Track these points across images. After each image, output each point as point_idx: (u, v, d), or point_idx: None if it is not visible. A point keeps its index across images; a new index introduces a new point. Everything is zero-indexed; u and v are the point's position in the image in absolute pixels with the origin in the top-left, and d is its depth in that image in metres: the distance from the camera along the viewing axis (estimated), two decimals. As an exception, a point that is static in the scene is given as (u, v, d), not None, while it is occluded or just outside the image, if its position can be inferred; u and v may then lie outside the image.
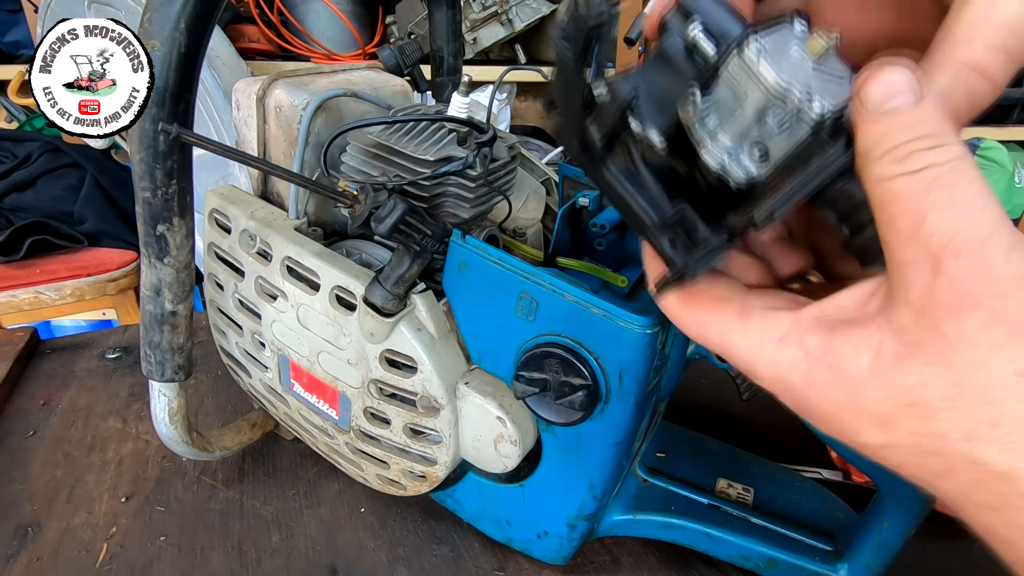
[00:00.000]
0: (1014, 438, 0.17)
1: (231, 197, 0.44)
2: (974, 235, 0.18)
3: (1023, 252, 0.18)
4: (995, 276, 0.18)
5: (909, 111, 0.20)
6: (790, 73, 0.24)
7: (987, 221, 0.18)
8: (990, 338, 0.18)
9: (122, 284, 1.27)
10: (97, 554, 0.44)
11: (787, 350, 0.22)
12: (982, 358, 0.18)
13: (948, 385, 0.18)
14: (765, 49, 0.24)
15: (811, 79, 0.24)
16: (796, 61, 0.24)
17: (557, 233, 0.43)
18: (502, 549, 0.46)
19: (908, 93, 0.20)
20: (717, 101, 0.24)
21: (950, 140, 0.19)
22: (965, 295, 0.18)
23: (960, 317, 0.18)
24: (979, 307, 0.18)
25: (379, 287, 0.36)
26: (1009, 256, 0.18)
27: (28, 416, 0.59)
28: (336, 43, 1.55)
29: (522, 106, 2.03)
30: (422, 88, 0.50)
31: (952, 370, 0.18)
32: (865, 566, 0.39)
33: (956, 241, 0.18)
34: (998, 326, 0.18)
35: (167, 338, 0.41)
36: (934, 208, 0.18)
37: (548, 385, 0.36)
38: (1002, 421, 0.18)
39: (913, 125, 0.20)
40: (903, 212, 0.19)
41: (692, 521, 0.42)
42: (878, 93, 0.21)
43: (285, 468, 0.53)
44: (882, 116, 0.21)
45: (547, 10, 1.55)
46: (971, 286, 0.18)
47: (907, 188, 0.19)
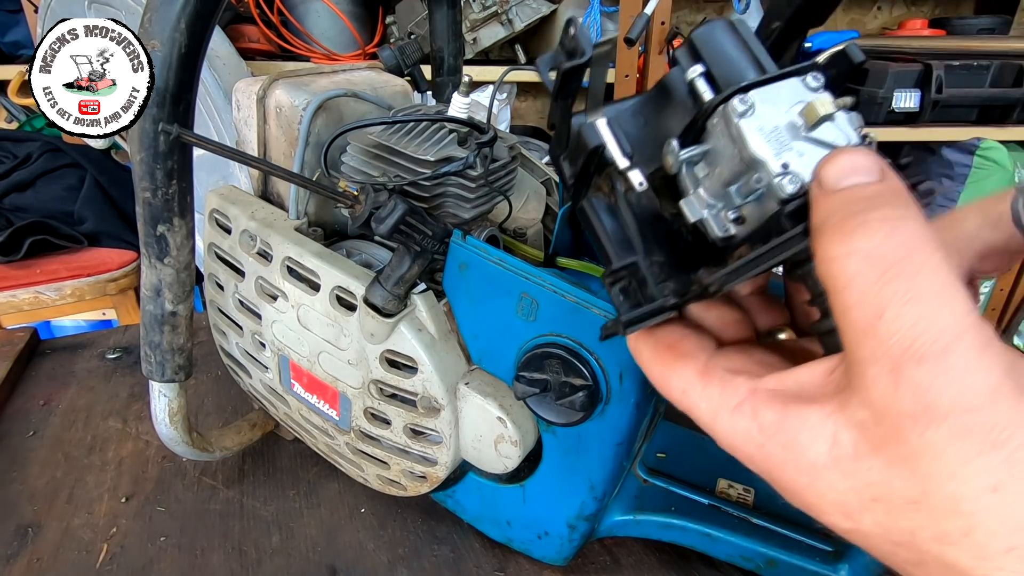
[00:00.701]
0: (989, 550, 0.16)
1: (231, 197, 0.44)
2: (938, 338, 0.16)
3: (993, 356, 0.16)
4: (963, 387, 0.16)
5: (866, 187, 0.19)
6: (774, 139, 0.22)
7: (953, 320, 0.16)
8: (958, 452, 0.16)
9: (122, 284, 1.27)
10: (97, 554, 0.44)
11: (741, 421, 0.21)
12: (951, 471, 0.16)
13: (915, 490, 0.17)
14: (753, 108, 0.22)
15: (797, 148, 0.22)
16: (786, 125, 0.22)
17: (557, 233, 0.43)
18: (502, 550, 0.45)
19: (868, 172, 0.19)
20: (707, 151, 0.23)
21: (911, 216, 0.18)
22: (929, 406, 0.16)
23: (924, 428, 0.17)
24: (945, 420, 0.16)
25: (379, 287, 0.36)
26: (978, 362, 0.16)
27: (28, 416, 0.59)
28: (336, 43, 1.55)
29: (522, 106, 2.03)
30: (422, 88, 0.50)
31: (918, 477, 0.17)
32: (865, 567, 0.39)
33: (918, 345, 0.16)
34: (967, 439, 0.16)
35: (167, 338, 0.41)
36: (893, 303, 0.17)
37: (548, 386, 0.36)
38: (975, 532, 0.16)
39: (869, 198, 0.18)
40: (858, 303, 0.18)
41: (692, 522, 0.42)
42: (835, 171, 0.19)
43: (285, 468, 0.53)
44: (836, 193, 0.19)
45: (547, 10, 1.55)
46: (935, 397, 0.16)
47: (860, 274, 0.18)
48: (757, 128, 0.22)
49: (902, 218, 0.18)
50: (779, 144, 0.22)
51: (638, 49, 1.63)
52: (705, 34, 0.23)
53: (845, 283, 0.18)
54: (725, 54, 0.23)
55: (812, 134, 0.22)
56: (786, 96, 0.22)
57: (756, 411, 0.20)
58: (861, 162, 0.19)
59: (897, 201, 0.18)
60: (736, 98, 0.22)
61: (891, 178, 0.19)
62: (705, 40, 0.23)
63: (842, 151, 0.20)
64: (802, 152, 0.22)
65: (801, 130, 0.22)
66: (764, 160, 0.22)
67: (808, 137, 0.22)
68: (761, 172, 0.22)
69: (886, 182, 0.19)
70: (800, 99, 0.22)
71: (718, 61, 0.23)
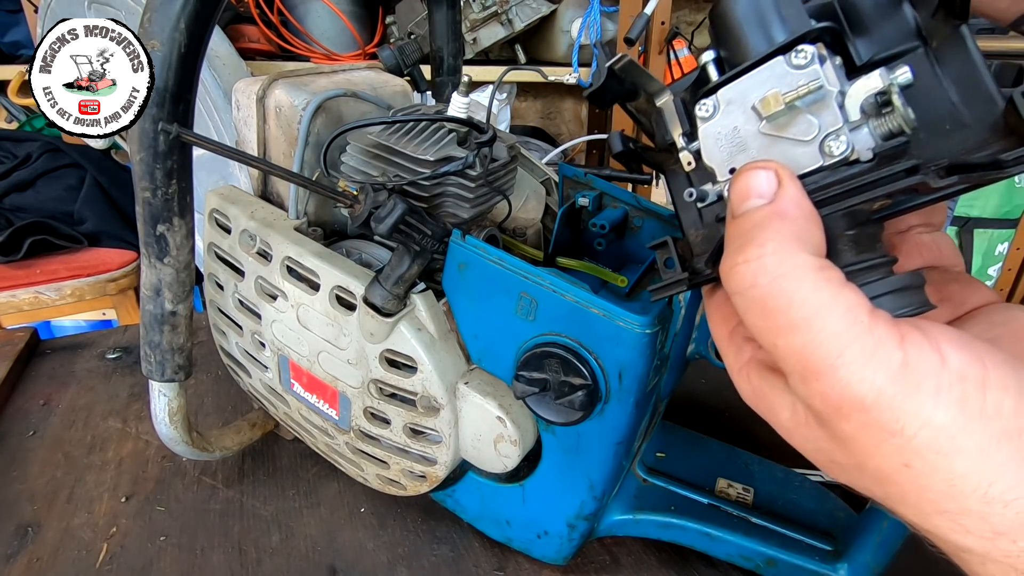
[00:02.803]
0: (923, 511, 0.19)
1: (231, 197, 0.44)
2: (824, 358, 0.19)
3: (878, 361, 0.18)
4: (855, 392, 0.18)
5: (756, 212, 0.20)
6: (729, 142, 0.22)
7: (833, 340, 0.18)
8: (867, 440, 0.19)
9: (122, 284, 1.27)
10: (97, 554, 0.44)
11: (743, 382, 0.24)
12: (869, 452, 0.19)
13: (852, 461, 0.20)
14: (716, 110, 0.22)
15: (753, 148, 0.21)
16: (747, 123, 0.21)
17: (557, 233, 0.43)
18: (502, 549, 0.46)
19: (760, 195, 0.20)
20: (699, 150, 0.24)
21: (780, 246, 0.19)
22: (834, 408, 0.19)
23: (837, 422, 0.19)
24: (848, 417, 0.19)
25: (379, 287, 0.36)
26: (862, 371, 0.18)
27: (28, 416, 0.59)
28: (336, 43, 1.55)
29: (522, 106, 2.03)
30: (422, 88, 0.50)
31: (850, 452, 0.20)
32: (865, 566, 0.39)
33: (811, 365, 0.19)
34: (869, 430, 0.19)
35: (167, 338, 0.41)
36: (779, 335, 0.19)
37: (548, 385, 0.36)
38: (907, 498, 0.19)
39: (751, 228, 0.20)
40: (756, 330, 0.20)
41: (692, 521, 0.42)
42: (735, 196, 0.21)
43: (285, 468, 0.53)
44: (735, 219, 0.21)
45: (547, 10, 1.55)
46: (836, 401, 0.19)
47: (746, 311, 0.20)
48: (714, 133, 0.22)
49: (771, 253, 0.19)
50: (734, 147, 0.22)
51: (638, 49, 1.63)
52: (724, 6, 0.22)
53: (743, 313, 0.21)
54: (738, 32, 0.22)
55: (768, 130, 0.21)
56: (760, 85, 0.21)
57: (750, 376, 0.23)
58: (753, 184, 0.21)
59: (771, 230, 0.20)
60: (698, 104, 0.22)
61: (781, 198, 0.20)
62: (720, 15, 0.22)
63: (743, 171, 0.21)
64: (758, 152, 0.22)
65: (755, 124, 0.21)
66: (713, 168, 0.22)
67: (768, 132, 0.21)
68: (709, 171, 0.23)
69: (773, 204, 0.20)
70: (772, 87, 0.21)
71: (729, 42, 0.22)
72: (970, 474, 0.18)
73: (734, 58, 0.22)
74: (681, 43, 1.72)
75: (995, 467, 0.18)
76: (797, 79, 0.20)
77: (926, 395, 0.18)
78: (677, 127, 0.24)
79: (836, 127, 0.20)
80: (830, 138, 0.20)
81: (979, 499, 0.18)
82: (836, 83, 0.20)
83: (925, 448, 0.18)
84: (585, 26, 1.57)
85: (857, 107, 0.20)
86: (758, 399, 0.23)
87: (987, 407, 0.18)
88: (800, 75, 0.20)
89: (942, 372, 0.18)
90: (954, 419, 0.18)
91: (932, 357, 0.18)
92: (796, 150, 0.21)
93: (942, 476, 0.18)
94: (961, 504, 0.18)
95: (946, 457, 0.18)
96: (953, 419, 0.18)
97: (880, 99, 0.19)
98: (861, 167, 0.20)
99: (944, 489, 0.18)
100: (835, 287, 0.19)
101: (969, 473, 0.18)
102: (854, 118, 0.20)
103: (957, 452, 0.18)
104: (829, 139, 0.20)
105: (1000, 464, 0.18)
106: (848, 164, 0.20)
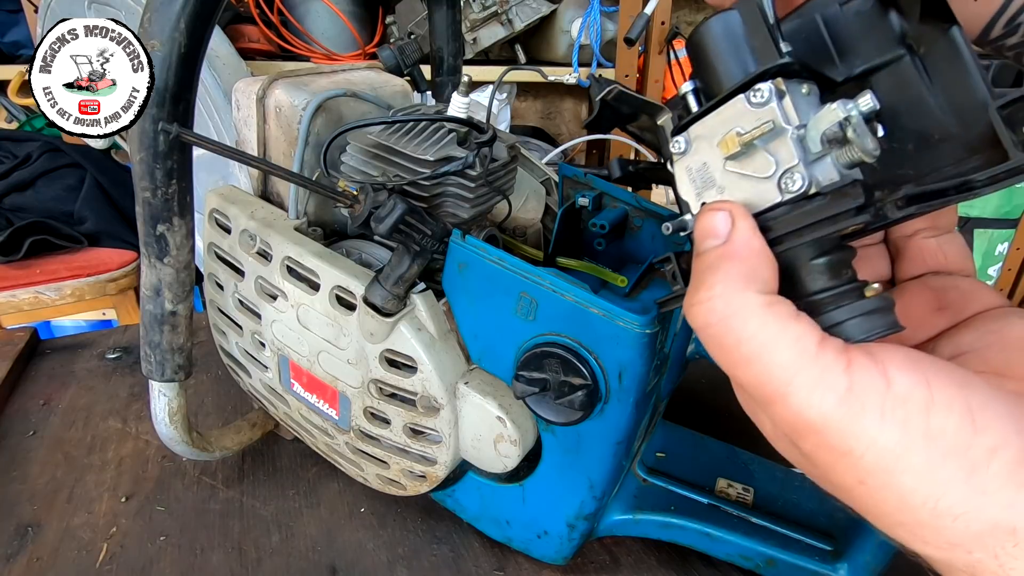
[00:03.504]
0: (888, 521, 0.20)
1: (231, 197, 0.44)
2: (776, 387, 0.20)
3: (827, 386, 0.19)
4: (807, 417, 0.20)
5: (712, 252, 0.21)
6: (700, 177, 0.22)
7: (782, 370, 0.20)
8: (825, 458, 0.20)
9: (122, 284, 1.27)
10: (97, 554, 0.44)
11: (737, 395, 0.25)
12: (830, 468, 0.21)
13: (821, 478, 0.22)
14: (688, 147, 0.22)
15: (720, 184, 0.22)
16: (713, 154, 0.22)
17: (557, 233, 0.43)
18: (502, 549, 0.46)
19: (715, 236, 0.22)
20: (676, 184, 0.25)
21: (729, 287, 0.21)
22: (792, 430, 0.21)
23: (799, 441, 0.21)
24: (806, 439, 0.20)
25: (379, 287, 0.36)
26: (810, 397, 0.19)
27: (28, 416, 0.59)
28: (336, 43, 1.55)
29: (522, 106, 2.03)
30: (422, 88, 0.50)
31: (816, 469, 0.22)
32: (865, 566, 0.39)
33: (767, 392, 0.20)
34: (824, 451, 0.20)
35: (167, 338, 0.41)
36: (736, 366, 0.21)
37: (548, 385, 0.36)
38: (869, 510, 0.21)
39: (706, 268, 0.21)
40: (719, 362, 0.22)
41: (692, 521, 0.42)
42: (697, 235, 0.22)
43: (285, 468, 0.53)
44: (697, 257, 0.22)
45: (547, 10, 1.55)
46: (792, 424, 0.20)
47: (707, 343, 0.22)
48: (686, 168, 0.23)
49: (719, 295, 0.21)
50: (704, 182, 0.22)
51: (638, 49, 1.63)
52: (697, 38, 0.22)
53: (706, 347, 0.22)
54: (711, 64, 0.22)
55: (732, 167, 0.22)
56: (724, 123, 0.21)
57: (739, 391, 0.24)
58: (710, 225, 0.22)
59: (720, 272, 0.21)
60: (672, 141, 0.23)
61: (732, 240, 0.21)
62: (695, 45, 0.22)
63: (703, 212, 0.22)
64: (723, 188, 0.22)
65: (718, 160, 0.22)
66: (687, 202, 0.23)
67: (732, 169, 0.22)
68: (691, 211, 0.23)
69: (725, 246, 0.21)
70: (733, 125, 0.21)
71: (704, 73, 0.22)
72: (917, 490, 0.19)
73: (709, 89, 0.22)
74: (681, 43, 1.72)
75: (941, 483, 0.18)
76: (755, 118, 0.20)
77: (871, 418, 0.19)
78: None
79: (792, 164, 0.20)
80: (787, 175, 0.21)
81: (929, 513, 0.19)
82: (794, 119, 0.20)
83: (874, 467, 0.19)
84: (585, 26, 1.57)
85: (818, 139, 0.20)
86: (748, 411, 0.24)
87: (931, 427, 0.19)
88: (758, 113, 0.20)
89: (886, 395, 0.19)
90: (899, 440, 0.19)
91: (878, 381, 0.19)
92: (758, 186, 0.21)
93: (893, 492, 0.19)
94: (914, 517, 0.19)
95: (893, 475, 0.19)
96: (898, 440, 0.19)
97: (842, 128, 0.19)
98: (819, 202, 0.20)
99: (897, 504, 0.19)
100: (783, 321, 0.20)
101: (917, 489, 0.19)
102: (815, 150, 0.20)
103: (903, 471, 0.19)
104: (786, 176, 0.21)
105: (945, 480, 0.18)
106: (808, 198, 0.21)
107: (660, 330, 0.34)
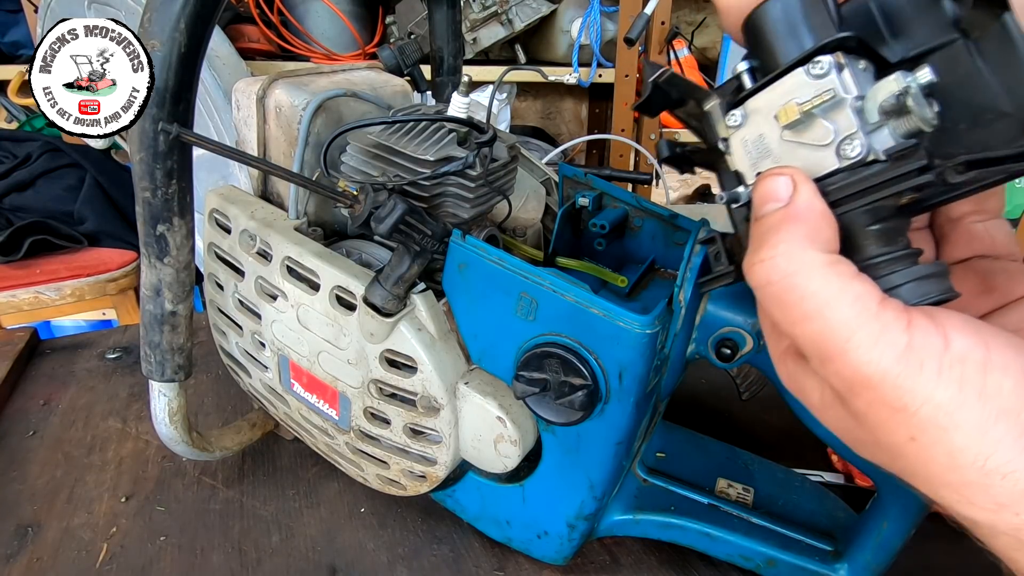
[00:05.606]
0: (932, 484, 0.21)
1: (231, 197, 0.44)
2: (836, 343, 0.20)
3: (885, 344, 0.20)
4: (864, 373, 0.20)
5: (772, 215, 0.22)
6: (756, 148, 0.23)
7: (843, 326, 0.20)
8: (876, 415, 0.21)
9: (122, 284, 1.27)
10: (97, 554, 0.44)
11: (781, 367, 0.26)
12: (879, 427, 0.21)
13: (870, 438, 0.22)
14: (745, 119, 0.23)
15: (776, 154, 0.23)
16: (770, 125, 0.23)
17: (557, 233, 0.43)
18: (502, 549, 0.46)
19: (776, 199, 0.22)
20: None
21: (793, 246, 0.21)
22: (848, 386, 0.21)
23: (851, 400, 0.21)
24: (860, 395, 0.21)
25: (379, 287, 0.36)
26: (870, 353, 0.20)
27: (28, 416, 0.59)
28: (336, 43, 1.55)
29: (522, 106, 2.03)
30: (422, 88, 0.50)
31: (865, 430, 0.22)
32: (865, 566, 0.39)
33: (824, 350, 0.21)
34: (878, 407, 0.21)
35: (167, 338, 0.41)
36: (796, 323, 0.21)
37: (548, 385, 0.36)
38: (917, 473, 0.21)
39: (767, 230, 0.22)
40: (778, 321, 0.22)
41: (692, 521, 0.42)
42: (757, 199, 0.23)
43: (285, 468, 0.53)
44: (757, 221, 0.23)
45: (547, 10, 1.55)
46: (849, 380, 0.21)
47: (765, 302, 0.22)
48: (742, 140, 0.24)
49: (782, 253, 0.21)
50: (760, 153, 0.23)
51: (638, 49, 1.63)
52: (755, 18, 0.23)
53: (765, 306, 0.22)
54: (769, 42, 0.23)
55: (789, 137, 0.22)
56: (782, 95, 0.22)
57: (786, 361, 0.25)
58: (771, 189, 0.22)
59: (783, 232, 0.21)
60: (728, 114, 0.24)
61: (795, 202, 0.22)
62: (753, 26, 0.23)
63: (763, 177, 0.23)
64: (779, 157, 0.23)
65: (775, 131, 0.23)
66: (743, 173, 0.24)
67: (791, 139, 0.22)
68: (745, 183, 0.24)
69: (787, 208, 0.22)
70: (792, 97, 0.22)
71: (761, 52, 0.23)
72: (968, 448, 0.19)
73: (766, 67, 0.23)
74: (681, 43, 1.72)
75: (992, 442, 0.19)
76: (815, 88, 0.21)
77: (928, 375, 0.19)
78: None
79: (851, 131, 0.21)
80: (845, 142, 0.21)
81: (978, 471, 0.19)
82: (853, 90, 0.21)
83: (927, 423, 0.20)
84: (585, 26, 1.57)
85: (876, 109, 0.21)
86: (793, 382, 0.25)
87: (987, 387, 0.19)
88: (818, 84, 0.21)
89: (944, 354, 0.20)
90: (953, 397, 0.19)
91: (937, 340, 0.20)
92: (815, 154, 0.22)
93: (943, 449, 0.20)
94: (962, 476, 0.20)
95: (946, 431, 0.19)
96: (952, 397, 0.19)
97: (900, 100, 0.20)
98: (878, 167, 0.21)
99: (946, 461, 0.20)
100: (845, 279, 0.21)
101: (967, 447, 0.19)
102: (873, 120, 0.21)
103: (956, 427, 0.19)
104: (844, 143, 0.21)
105: (997, 439, 0.19)
106: (865, 165, 0.21)
107: (660, 330, 0.34)
